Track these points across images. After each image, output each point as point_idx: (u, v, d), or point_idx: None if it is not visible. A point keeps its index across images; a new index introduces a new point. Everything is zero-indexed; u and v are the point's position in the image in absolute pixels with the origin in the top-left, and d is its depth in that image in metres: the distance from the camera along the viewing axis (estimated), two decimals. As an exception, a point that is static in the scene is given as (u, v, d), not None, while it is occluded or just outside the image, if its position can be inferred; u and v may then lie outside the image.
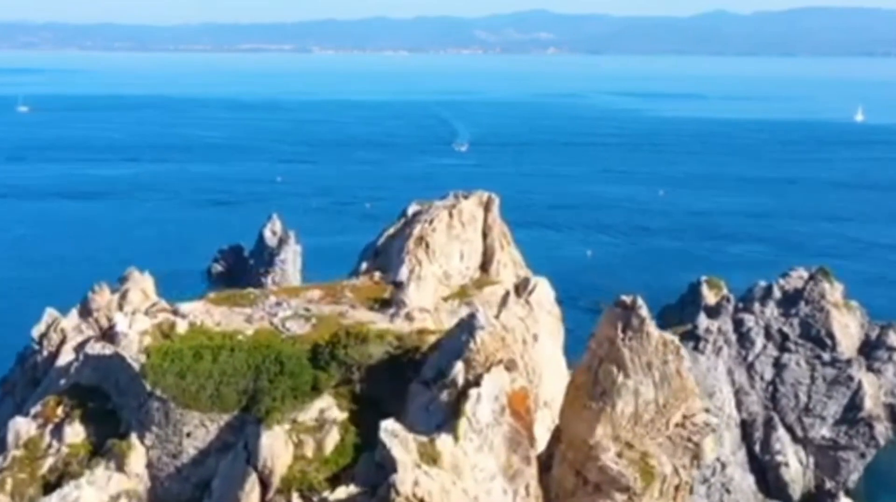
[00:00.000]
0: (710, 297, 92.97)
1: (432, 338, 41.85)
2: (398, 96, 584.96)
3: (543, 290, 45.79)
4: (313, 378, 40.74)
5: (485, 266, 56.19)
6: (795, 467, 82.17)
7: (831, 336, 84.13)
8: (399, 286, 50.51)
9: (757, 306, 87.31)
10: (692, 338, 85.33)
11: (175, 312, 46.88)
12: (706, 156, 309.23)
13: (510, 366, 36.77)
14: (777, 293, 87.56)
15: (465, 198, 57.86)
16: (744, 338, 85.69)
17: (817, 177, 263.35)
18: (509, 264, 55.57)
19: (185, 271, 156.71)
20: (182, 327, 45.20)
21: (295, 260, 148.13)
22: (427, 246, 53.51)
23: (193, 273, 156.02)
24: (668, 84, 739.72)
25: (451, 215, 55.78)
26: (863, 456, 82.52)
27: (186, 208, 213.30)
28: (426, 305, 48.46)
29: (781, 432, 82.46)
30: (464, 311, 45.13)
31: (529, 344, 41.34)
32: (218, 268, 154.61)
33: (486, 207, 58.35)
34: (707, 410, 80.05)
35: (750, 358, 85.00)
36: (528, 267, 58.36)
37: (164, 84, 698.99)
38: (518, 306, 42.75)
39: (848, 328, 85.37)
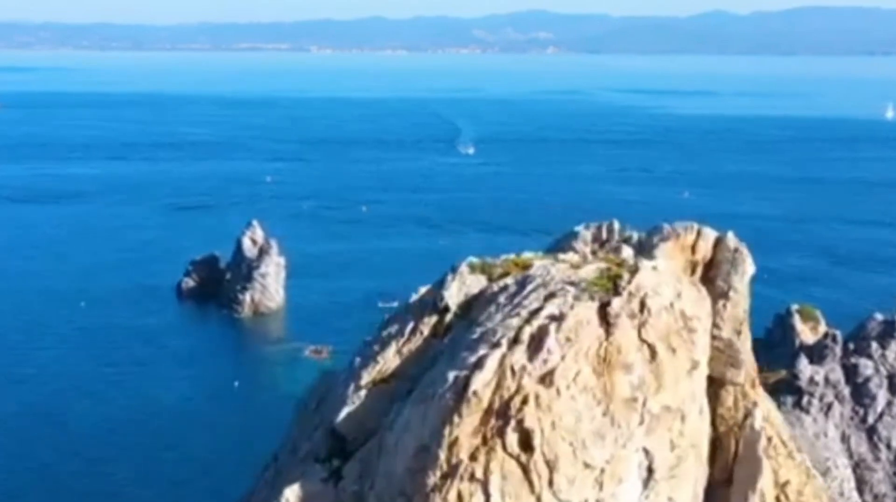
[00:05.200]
0: (806, 333, 71.61)
1: None
2: (397, 93, 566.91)
3: None
4: None
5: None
6: (934, 565, 61.18)
7: (980, 389, 63.23)
8: None
9: (875, 348, 66.18)
10: (792, 392, 64.30)
11: None
12: (729, 153, 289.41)
13: None
14: (901, 330, 66.42)
15: (638, 249, 19.34)
16: (860, 392, 64.59)
17: (855, 176, 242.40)
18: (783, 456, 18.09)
19: (154, 287, 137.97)
20: None
21: (277, 273, 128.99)
22: (529, 441, 18.33)
23: (162, 289, 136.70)
24: (680, 81, 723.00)
25: (607, 320, 19.05)
26: None
27: (165, 212, 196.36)
28: None
29: (917, 520, 61.52)
30: None
31: None
32: (190, 282, 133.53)
33: (716, 289, 20.39)
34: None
35: (871, 418, 63.83)
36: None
37: (154, 81, 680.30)
38: None
39: None
